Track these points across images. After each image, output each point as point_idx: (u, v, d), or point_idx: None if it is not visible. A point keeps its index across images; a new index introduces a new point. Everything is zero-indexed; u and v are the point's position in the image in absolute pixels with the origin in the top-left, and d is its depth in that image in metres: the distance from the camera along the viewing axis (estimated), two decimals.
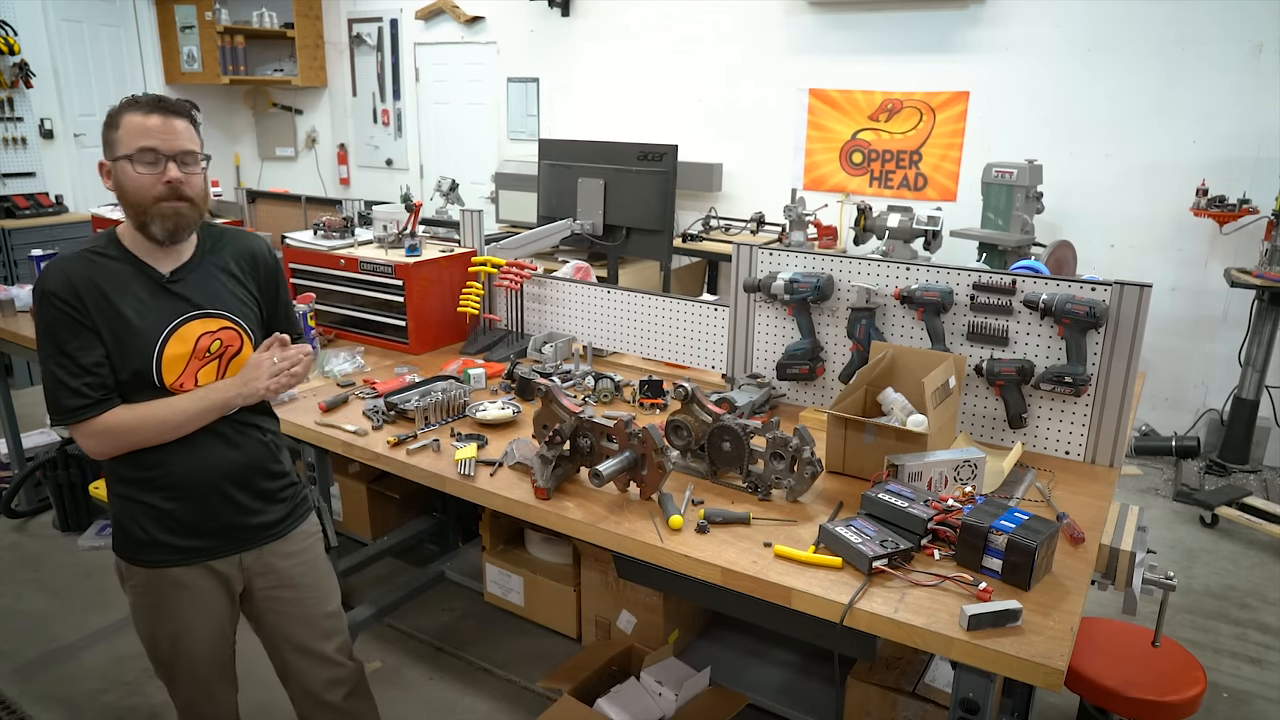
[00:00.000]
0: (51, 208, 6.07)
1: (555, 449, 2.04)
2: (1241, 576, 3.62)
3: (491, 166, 6.35)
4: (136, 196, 1.68)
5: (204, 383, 1.78)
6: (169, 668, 1.93)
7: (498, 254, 3.25)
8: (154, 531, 1.78)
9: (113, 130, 1.69)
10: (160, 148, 1.67)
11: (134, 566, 1.82)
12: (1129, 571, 1.99)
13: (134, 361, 1.71)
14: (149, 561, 1.81)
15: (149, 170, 1.67)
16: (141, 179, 1.67)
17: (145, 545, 1.79)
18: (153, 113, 1.68)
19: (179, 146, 1.69)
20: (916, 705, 2.34)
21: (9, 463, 4.01)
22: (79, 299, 1.67)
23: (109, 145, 1.70)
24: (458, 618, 3.26)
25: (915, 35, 5.11)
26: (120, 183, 1.69)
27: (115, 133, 1.68)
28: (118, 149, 1.68)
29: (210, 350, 1.79)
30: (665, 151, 4.09)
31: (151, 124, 1.67)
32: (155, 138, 1.67)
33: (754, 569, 1.73)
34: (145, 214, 1.69)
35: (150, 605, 1.85)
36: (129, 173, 1.67)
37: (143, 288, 1.73)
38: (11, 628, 3.17)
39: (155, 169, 1.67)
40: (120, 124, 1.68)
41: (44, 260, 3.58)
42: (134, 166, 1.67)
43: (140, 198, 1.68)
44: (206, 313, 1.78)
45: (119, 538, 1.83)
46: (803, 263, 2.59)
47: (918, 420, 2.08)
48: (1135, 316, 2.16)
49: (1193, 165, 4.46)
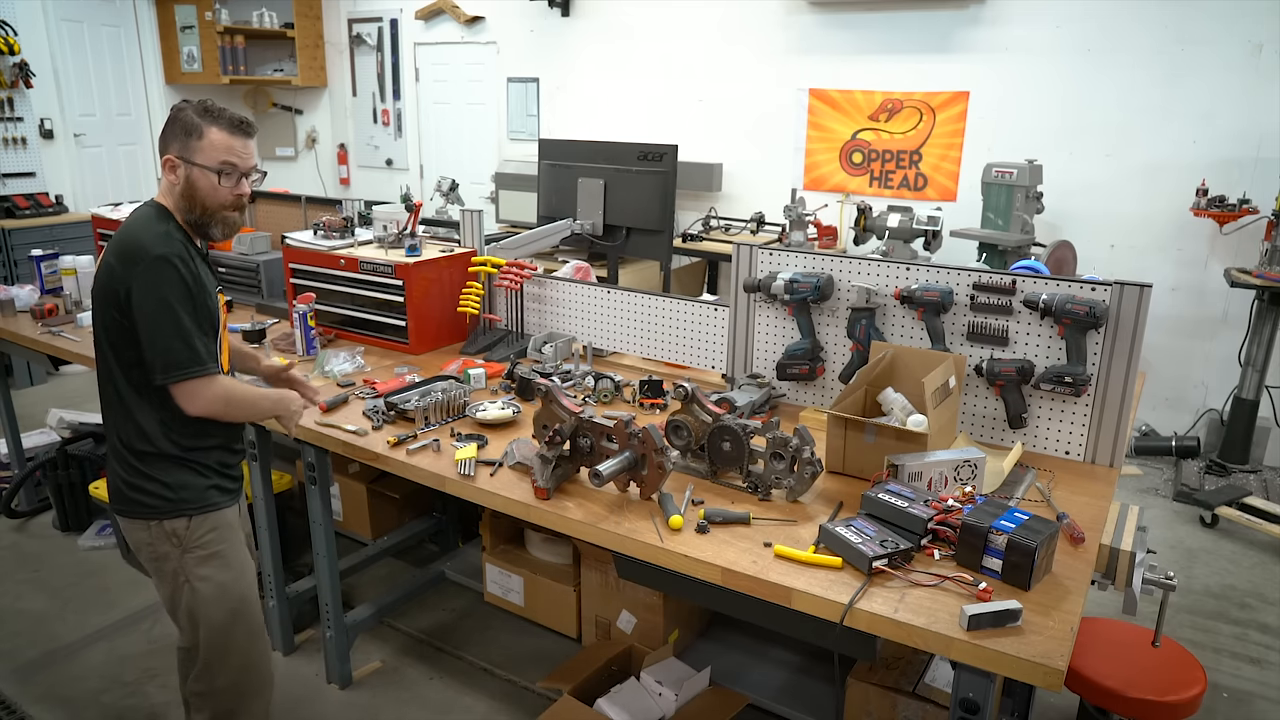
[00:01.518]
0: (51, 208, 6.06)
1: (555, 449, 2.04)
2: (1241, 576, 3.62)
3: (491, 166, 6.35)
4: (208, 201, 1.89)
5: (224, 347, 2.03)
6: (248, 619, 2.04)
7: (498, 254, 3.25)
8: (211, 476, 1.99)
9: (195, 138, 1.86)
10: (240, 165, 1.90)
11: (201, 515, 1.96)
12: (1129, 571, 1.99)
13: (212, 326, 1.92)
14: (214, 504, 1.99)
15: (229, 184, 1.89)
16: (219, 190, 1.88)
17: (210, 489, 1.98)
18: (238, 134, 1.88)
19: (251, 165, 1.93)
20: (916, 705, 2.34)
21: (9, 463, 4.01)
22: (193, 268, 1.86)
23: (185, 147, 1.86)
24: (458, 618, 3.26)
25: (915, 35, 5.11)
26: (193, 185, 1.88)
27: (198, 141, 1.86)
28: (197, 157, 1.86)
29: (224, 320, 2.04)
30: (665, 151, 4.08)
31: (236, 144, 1.88)
32: (237, 156, 1.89)
33: (754, 569, 1.73)
34: (211, 217, 1.91)
35: (220, 552, 1.99)
36: (208, 180, 1.87)
37: (201, 262, 1.94)
38: (11, 628, 3.17)
39: (232, 182, 1.90)
40: (205, 135, 1.86)
41: (44, 260, 3.59)
42: (218, 179, 1.87)
43: (210, 203, 1.89)
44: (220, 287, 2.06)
45: (182, 494, 1.94)
46: (803, 263, 2.59)
47: (918, 420, 2.08)
48: (1135, 316, 2.16)
49: (1193, 165, 4.47)
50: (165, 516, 1.94)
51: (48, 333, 3.25)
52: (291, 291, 3.30)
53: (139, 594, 3.34)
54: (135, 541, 2.00)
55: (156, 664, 2.95)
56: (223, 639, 2.01)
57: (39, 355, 3.34)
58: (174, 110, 1.92)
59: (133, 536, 2.00)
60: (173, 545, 1.95)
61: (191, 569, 1.96)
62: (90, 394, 5.34)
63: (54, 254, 3.66)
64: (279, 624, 2.97)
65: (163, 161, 1.90)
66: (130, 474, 1.94)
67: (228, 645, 2.02)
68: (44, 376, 5.70)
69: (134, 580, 3.40)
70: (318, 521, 2.68)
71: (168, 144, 1.90)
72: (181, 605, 2.00)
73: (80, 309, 3.46)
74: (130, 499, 1.95)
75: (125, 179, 6.95)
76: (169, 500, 1.94)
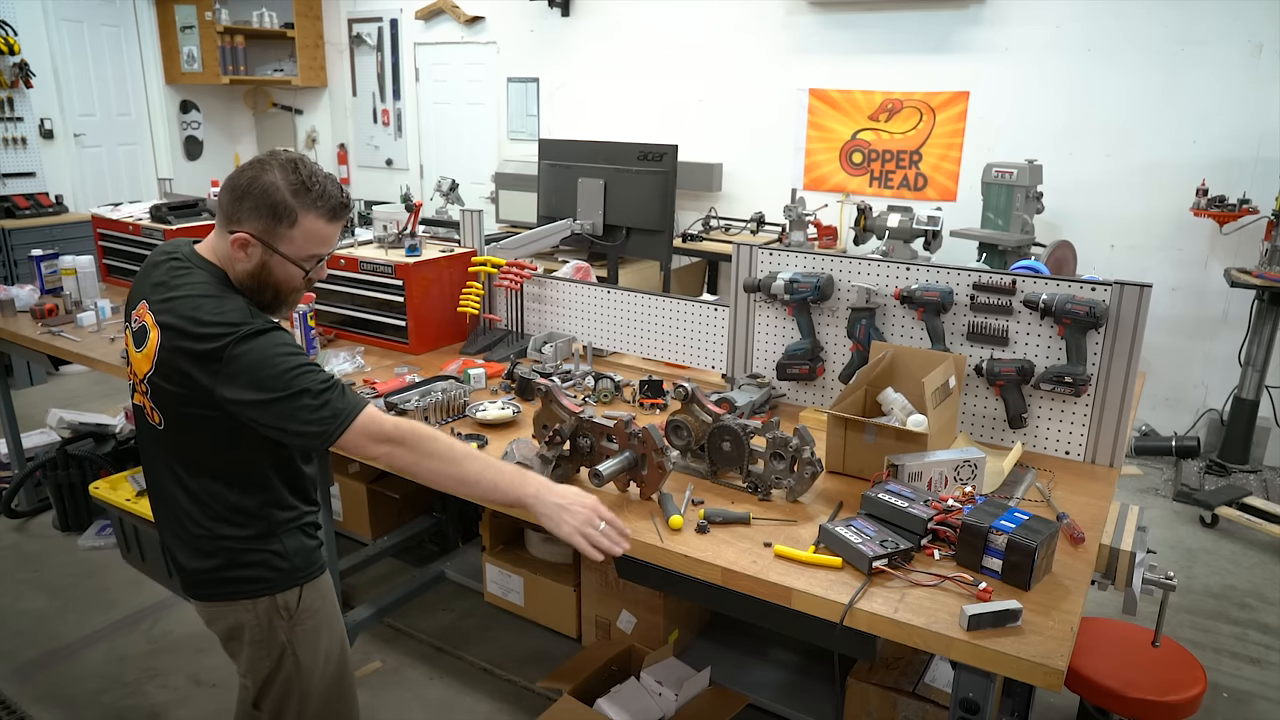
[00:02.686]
0: (51, 208, 6.06)
1: (555, 449, 2.04)
2: (1241, 576, 3.62)
3: (491, 166, 6.36)
4: (283, 287, 1.62)
5: None
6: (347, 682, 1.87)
7: (498, 254, 3.25)
8: (317, 535, 1.80)
9: (285, 225, 1.55)
10: (324, 253, 1.64)
11: (311, 581, 1.75)
12: (1129, 571, 1.99)
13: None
14: (323, 565, 1.80)
15: (314, 271, 1.64)
16: (299, 279, 1.63)
17: (317, 549, 1.79)
18: (334, 220, 1.60)
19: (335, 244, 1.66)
20: (916, 705, 2.34)
21: (9, 463, 4.01)
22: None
23: (273, 234, 1.56)
24: (458, 618, 3.26)
25: (915, 35, 5.11)
26: (270, 271, 1.59)
27: (288, 229, 1.55)
28: (283, 245, 1.57)
29: None
30: (665, 151, 4.09)
31: (331, 232, 1.61)
32: (328, 245, 1.62)
33: (754, 569, 1.73)
34: (282, 301, 1.65)
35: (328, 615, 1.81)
36: (289, 269, 1.60)
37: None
38: (11, 628, 3.17)
39: (314, 267, 1.64)
40: (299, 222, 1.55)
41: (44, 260, 3.59)
42: (300, 269, 1.61)
43: (286, 289, 1.63)
44: None
45: (296, 561, 1.71)
46: (803, 263, 2.59)
47: (918, 420, 2.08)
48: (1135, 316, 2.16)
49: (1193, 165, 4.46)
50: (277, 590, 1.69)
51: (48, 333, 3.25)
52: None
53: (139, 594, 3.34)
54: (230, 626, 1.72)
55: (156, 664, 2.95)
56: (324, 707, 1.81)
57: (39, 355, 3.33)
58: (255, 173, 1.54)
59: (224, 623, 1.72)
60: (282, 619, 1.70)
61: (300, 641, 1.73)
62: (90, 394, 5.36)
63: (54, 254, 3.66)
64: None
65: (232, 237, 1.55)
66: (223, 555, 1.66)
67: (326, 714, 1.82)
68: (44, 376, 5.70)
69: (134, 580, 3.40)
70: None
71: (243, 218, 1.54)
72: (277, 683, 1.75)
73: (80, 309, 3.45)
74: (225, 580, 1.68)
75: (125, 179, 6.95)
76: (282, 571, 1.69)
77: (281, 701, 1.77)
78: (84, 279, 3.60)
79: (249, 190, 1.54)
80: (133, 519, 3.03)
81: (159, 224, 3.80)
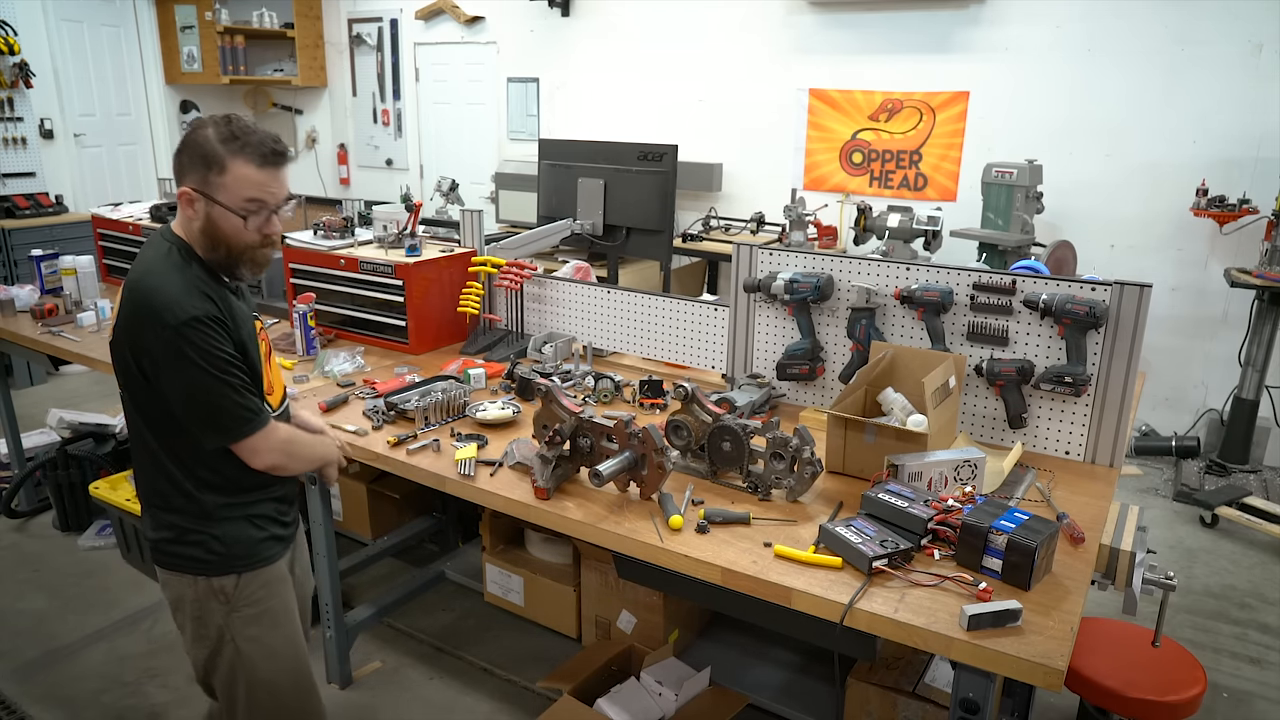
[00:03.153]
0: (51, 208, 6.06)
1: (555, 449, 2.04)
2: (1241, 576, 3.62)
3: (491, 166, 6.36)
4: (232, 243, 1.65)
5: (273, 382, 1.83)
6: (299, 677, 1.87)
7: (498, 254, 3.25)
8: (268, 527, 1.81)
9: (214, 171, 1.59)
10: (269, 202, 1.64)
11: (251, 572, 1.77)
12: (1129, 571, 1.99)
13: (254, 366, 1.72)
14: (268, 558, 1.81)
15: (257, 222, 1.64)
16: (245, 232, 1.64)
17: (265, 541, 1.80)
18: (266, 165, 1.62)
19: (281, 197, 1.66)
20: (916, 705, 2.34)
21: (9, 463, 4.01)
22: (221, 316, 1.63)
23: (205, 182, 1.60)
24: (458, 618, 3.26)
25: (915, 35, 5.11)
26: (214, 223, 1.63)
27: (219, 176, 1.60)
28: (219, 194, 1.60)
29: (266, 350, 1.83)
30: (665, 151, 4.08)
31: (264, 178, 1.62)
32: (264, 191, 1.63)
33: (754, 569, 1.73)
34: (238, 258, 1.67)
35: (271, 609, 1.81)
36: (230, 220, 1.62)
37: (227, 295, 1.71)
38: (11, 628, 3.17)
39: (259, 220, 1.65)
40: (228, 169, 1.59)
41: (44, 260, 3.59)
42: (245, 221, 1.63)
43: (236, 245, 1.65)
44: (256, 315, 1.84)
45: (234, 549, 1.75)
46: (803, 263, 2.59)
47: (918, 420, 2.08)
48: (1135, 316, 2.16)
49: (1193, 165, 4.46)
50: (213, 574, 1.73)
51: (48, 333, 3.25)
52: (291, 291, 3.30)
53: (139, 594, 3.34)
54: (174, 596, 1.79)
55: (156, 664, 2.95)
56: (271, 701, 1.82)
57: (39, 355, 3.34)
58: (190, 131, 1.63)
59: (171, 591, 1.79)
60: (219, 603, 1.75)
61: (238, 629, 1.76)
62: (90, 394, 5.36)
63: (54, 254, 3.66)
64: None
65: (179, 193, 1.63)
66: (170, 529, 1.74)
67: (276, 708, 1.84)
68: (44, 376, 5.70)
69: (134, 580, 3.40)
70: (318, 521, 2.68)
71: (184, 173, 1.62)
72: (221, 667, 1.80)
73: (80, 309, 3.45)
74: (171, 553, 1.75)
75: (125, 179, 6.95)
76: (219, 556, 1.73)
77: (230, 687, 1.82)
78: (84, 279, 3.60)
79: (185, 146, 1.62)
80: (133, 519, 3.02)
81: (159, 224, 3.80)
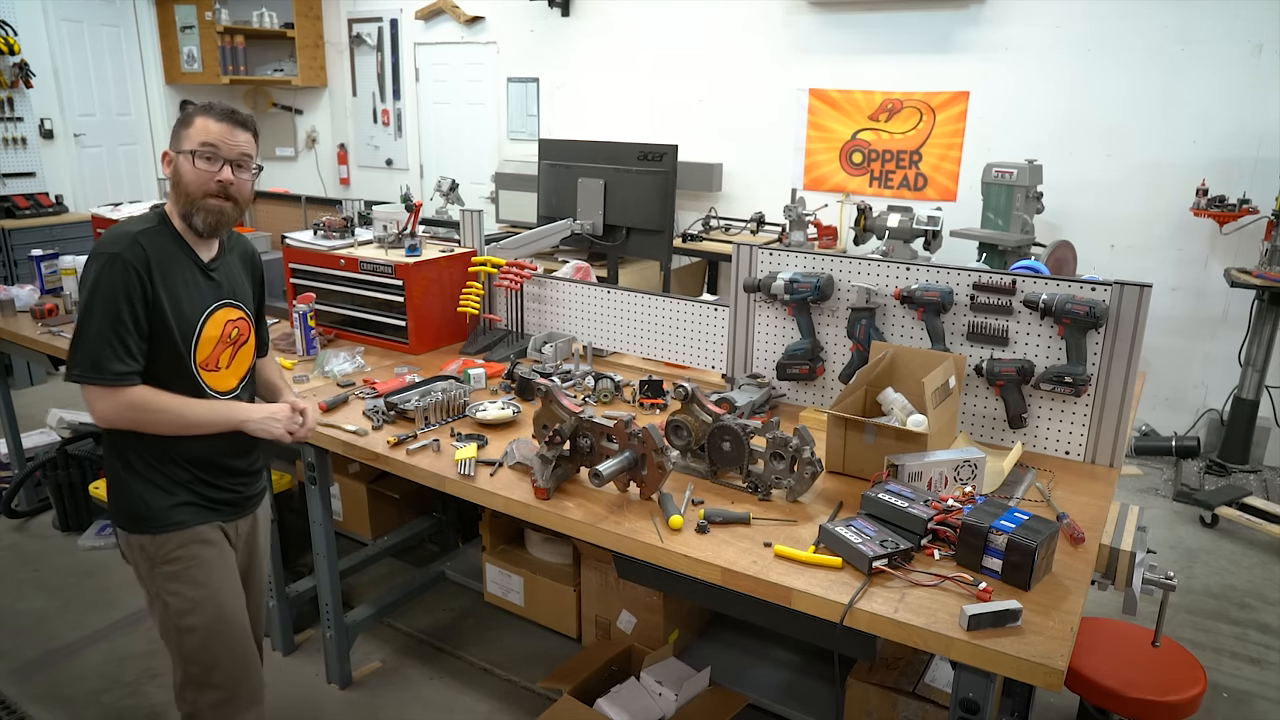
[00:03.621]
0: (51, 208, 6.06)
1: (555, 449, 2.04)
2: (1241, 576, 3.62)
3: (491, 166, 6.35)
4: (190, 188, 1.83)
5: (222, 365, 1.95)
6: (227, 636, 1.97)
7: (498, 254, 3.25)
8: (179, 494, 1.91)
9: (184, 127, 1.84)
10: (220, 150, 1.83)
11: (164, 534, 1.90)
12: (1129, 571, 1.99)
13: (177, 336, 1.84)
14: (179, 522, 1.91)
15: (206, 166, 1.82)
16: (199, 174, 1.82)
17: (175, 507, 1.91)
18: (223, 120, 1.84)
19: (237, 151, 1.85)
20: (916, 705, 2.34)
21: (9, 463, 4.01)
22: (148, 270, 1.78)
23: (176, 138, 1.85)
24: (458, 618, 3.26)
25: (915, 35, 5.11)
26: (179, 173, 1.84)
27: (185, 129, 1.83)
28: (183, 143, 1.83)
29: (231, 336, 1.97)
30: (665, 151, 4.08)
31: (218, 129, 1.83)
32: (217, 139, 1.82)
33: (754, 569, 1.73)
34: (193, 205, 1.84)
35: (188, 570, 1.92)
36: (188, 166, 1.82)
37: (188, 269, 1.88)
38: (11, 628, 3.17)
39: (212, 166, 1.82)
40: (192, 123, 1.83)
41: (44, 260, 3.59)
42: (194, 161, 1.81)
43: (193, 190, 1.83)
44: (232, 302, 1.98)
45: (144, 510, 1.89)
46: (803, 263, 2.59)
47: (918, 420, 2.08)
48: (1135, 316, 2.16)
49: (1193, 165, 4.47)
50: (132, 531, 1.91)
51: (48, 333, 3.25)
52: (291, 291, 3.30)
53: (139, 594, 3.29)
54: (123, 549, 1.99)
55: (156, 664, 2.95)
56: (202, 654, 1.95)
57: (39, 355, 3.33)
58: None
59: (119, 543, 1.99)
60: (142, 558, 1.92)
61: (161, 584, 1.92)
62: None
63: (54, 254, 3.66)
64: (279, 624, 2.97)
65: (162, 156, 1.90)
66: (109, 483, 1.93)
67: (209, 663, 1.96)
68: (44, 376, 5.70)
69: (134, 580, 3.36)
70: (318, 521, 2.68)
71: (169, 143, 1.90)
72: (156, 615, 1.97)
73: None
74: (111, 506, 1.95)
75: (125, 179, 6.95)
76: (133, 517, 1.90)
77: (164, 635, 1.98)
78: None
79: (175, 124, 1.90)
80: None
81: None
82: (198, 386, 1.90)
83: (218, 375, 1.95)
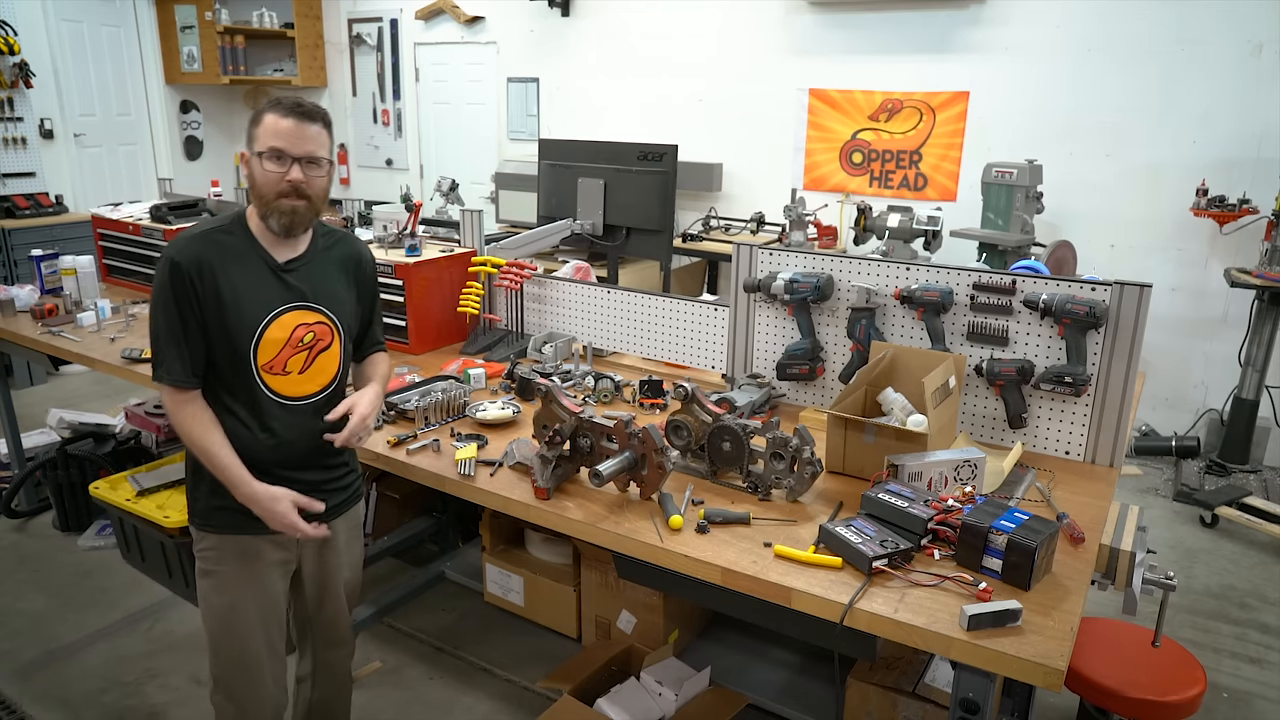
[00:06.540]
0: (51, 208, 6.06)
1: (555, 449, 2.04)
2: (1241, 576, 3.62)
3: (491, 166, 6.35)
4: (262, 190, 1.81)
5: (292, 370, 1.89)
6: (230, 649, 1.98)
7: (498, 254, 3.25)
8: (225, 498, 1.87)
9: (254, 127, 1.82)
10: (287, 149, 1.79)
11: (201, 531, 1.94)
12: (1129, 571, 1.99)
13: (235, 336, 1.81)
14: (216, 525, 1.92)
15: (276, 168, 1.79)
16: (268, 175, 1.79)
17: (217, 510, 1.90)
18: (289, 115, 1.79)
19: (305, 150, 1.81)
20: (916, 705, 2.34)
21: (9, 463, 4.00)
22: (198, 270, 1.78)
23: (249, 140, 1.84)
24: (458, 618, 3.26)
25: (915, 35, 5.11)
26: (252, 175, 1.83)
27: (255, 129, 1.82)
28: (254, 145, 1.82)
29: (303, 341, 1.90)
30: (665, 151, 4.08)
31: (285, 126, 1.79)
32: (285, 139, 1.79)
33: (754, 569, 1.73)
34: (267, 207, 1.82)
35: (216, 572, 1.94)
36: (259, 168, 1.81)
37: (256, 269, 1.85)
38: (11, 628, 3.17)
39: (281, 167, 1.79)
40: (260, 122, 1.81)
41: (44, 260, 3.59)
42: (263, 163, 1.80)
43: (265, 192, 1.81)
44: (308, 305, 1.90)
45: (193, 504, 1.95)
46: (803, 263, 2.59)
47: (918, 420, 2.08)
48: (1135, 316, 2.16)
49: (1193, 165, 4.46)
50: (188, 517, 1.97)
51: (48, 333, 3.25)
52: None
53: (139, 594, 3.34)
54: None
55: (156, 664, 2.95)
56: (214, 659, 2.01)
57: (39, 355, 3.33)
58: None
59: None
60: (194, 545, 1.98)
61: (199, 575, 1.97)
62: (90, 394, 5.36)
63: (54, 254, 3.65)
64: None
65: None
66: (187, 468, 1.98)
67: (218, 671, 2.01)
68: (44, 376, 5.69)
69: (134, 580, 3.40)
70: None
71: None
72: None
73: (80, 309, 3.45)
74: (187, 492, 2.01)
75: (125, 179, 6.95)
76: (189, 505, 1.96)
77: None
78: (84, 279, 3.60)
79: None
80: (133, 519, 3.02)
81: (159, 224, 3.80)
82: (258, 389, 1.85)
83: (286, 380, 1.88)
